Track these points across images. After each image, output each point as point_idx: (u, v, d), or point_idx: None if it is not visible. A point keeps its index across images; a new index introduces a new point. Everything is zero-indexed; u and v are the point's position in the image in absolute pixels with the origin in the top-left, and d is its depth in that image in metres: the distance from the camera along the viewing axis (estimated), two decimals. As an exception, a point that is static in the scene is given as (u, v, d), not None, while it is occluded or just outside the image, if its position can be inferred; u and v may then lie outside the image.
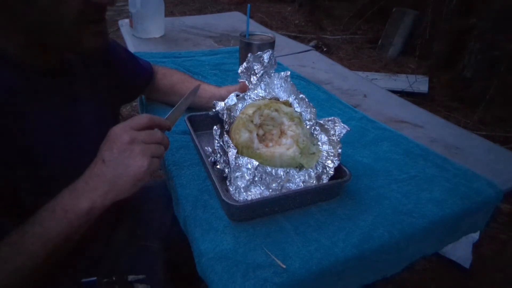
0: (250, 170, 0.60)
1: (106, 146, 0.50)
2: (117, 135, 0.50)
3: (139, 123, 0.52)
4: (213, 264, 0.53)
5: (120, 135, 0.50)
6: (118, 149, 0.49)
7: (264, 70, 0.77)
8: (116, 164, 0.48)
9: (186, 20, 1.84)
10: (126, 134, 0.50)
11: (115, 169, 0.48)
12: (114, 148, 0.49)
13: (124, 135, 0.50)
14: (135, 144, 0.50)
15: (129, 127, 0.51)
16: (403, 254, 0.65)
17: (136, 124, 0.52)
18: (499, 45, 2.65)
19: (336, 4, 4.97)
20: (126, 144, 0.49)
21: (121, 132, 0.50)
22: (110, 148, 0.49)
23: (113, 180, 0.48)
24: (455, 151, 0.94)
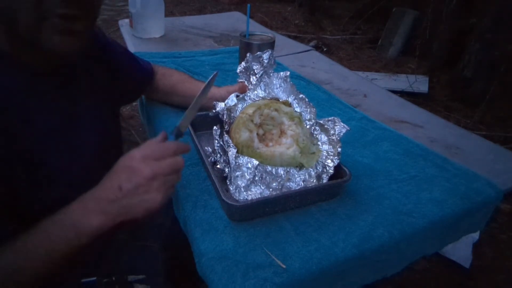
0: (250, 169, 0.60)
1: (125, 173, 0.49)
2: (139, 166, 0.48)
3: (163, 154, 0.51)
4: (213, 264, 0.53)
5: (142, 167, 0.48)
6: (137, 182, 0.47)
7: (264, 70, 0.77)
8: (132, 195, 0.47)
9: (186, 20, 1.84)
10: (148, 167, 0.48)
11: (130, 199, 0.47)
12: (133, 179, 0.48)
13: (147, 169, 0.48)
14: (155, 179, 0.48)
15: (153, 158, 0.49)
16: (403, 254, 0.65)
17: (161, 155, 0.50)
18: (499, 45, 2.65)
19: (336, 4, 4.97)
20: (146, 179, 0.48)
21: (144, 164, 0.48)
22: (129, 178, 0.48)
23: (126, 208, 0.48)
24: (455, 151, 0.94)
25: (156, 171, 0.48)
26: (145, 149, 0.50)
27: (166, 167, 0.49)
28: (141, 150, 0.50)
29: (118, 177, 0.49)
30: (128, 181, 0.47)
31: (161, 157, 0.50)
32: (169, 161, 0.50)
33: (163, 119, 0.89)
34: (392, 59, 3.59)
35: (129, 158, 0.50)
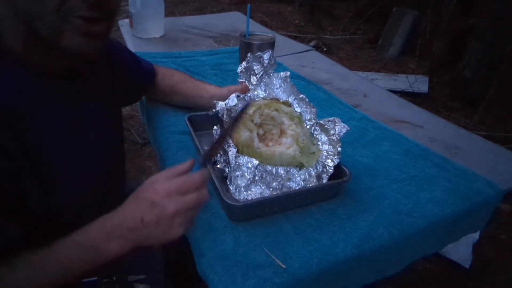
0: (251, 169, 0.60)
1: (148, 207, 0.48)
2: (163, 203, 0.47)
3: (189, 188, 0.49)
4: (213, 264, 0.53)
5: (166, 204, 0.47)
6: (160, 217, 0.47)
7: (264, 70, 0.77)
8: (154, 227, 0.48)
9: (186, 20, 1.84)
10: (172, 205, 0.47)
11: (151, 231, 0.48)
12: (156, 213, 0.47)
13: (170, 207, 0.47)
14: (178, 216, 0.48)
15: (177, 192, 0.48)
16: (403, 254, 0.65)
17: (186, 190, 0.49)
18: (499, 45, 2.65)
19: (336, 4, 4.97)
20: (170, 216, 0.47)
21: (168, 201, 0.47)
22: (151, 212, 0.47)
23: (146, 237, 0.49)
24: (455, 151, 0.94)
25: (179, 208, 0.48)
26: (170, 182, 0.49)
27: (190, 203, 0.49)
28: (166, 182, 0.49)
29: (140, 208, 0.48)
30: (150, 215, 0.47)
31: (186, 192, 0.49)
32: (194, 196, 0.49)
33: (163, 119, 0.89)
34: (392, 59, 3.59)
35: (153, 190, 0.49)
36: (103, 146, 0.63)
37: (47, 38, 0.47)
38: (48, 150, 0.51)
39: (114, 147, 0.69)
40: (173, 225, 0.48)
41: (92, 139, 0.60)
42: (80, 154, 0.57)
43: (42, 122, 0.51)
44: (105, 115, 0.65)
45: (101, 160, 0.63)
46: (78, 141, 0.57)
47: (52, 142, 0.52)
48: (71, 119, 0.56)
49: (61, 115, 0.54)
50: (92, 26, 0.48)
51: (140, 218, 0.48)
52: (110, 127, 0.68)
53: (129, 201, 0.50)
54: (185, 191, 0.49)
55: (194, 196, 0.49)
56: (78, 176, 0.56)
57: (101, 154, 0.63)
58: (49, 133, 0.52)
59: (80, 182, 0.57)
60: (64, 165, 0.54)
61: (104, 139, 0.64)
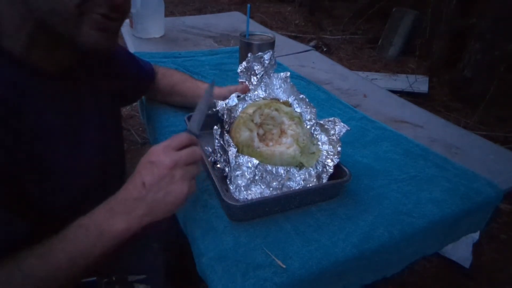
0: (251, 168, 0.60)
1: (146, 168, 0.50)
2: (159, 158, 0.49)
3: (180, 143, 0.52)
4: (213, 264, 0.53)
5: (162, 157, 0.49)
6: (160, 173, 0.48)
7: (264, 70, 0.77)
8: (157, 189, 0.48)
9: (186, 20, 1.84)
10: (167, 157, 0.49)
11: (155, 194, 0.48)
12: (155, 172, 0.48)
13: (166, 159, 0.49)
14: (177, 168, 0.49)
15: (171, 147, 0.51)
16: (403, 254, 0.65)
17: (177, 145, 0.52)
18: (499, 45, 2.65)
19: (336, 4, 4.97)
20: (168, 169, 0.48)
21: (163, 155, 0.50)
22: (151, 172, 0.49)
23: (153, 204, 0.48)
24: (455, 151, 0.94)
25: (176, 159, 0.49)
26: (162, 143, 0.52)
27: (185, 155, 0.50)
28: (158, 145, 0.51)
29: (140, 174, 0.49)
30: (150, 175, 0.48)
31: (179, 146, 0.51)
32: (186, 150, 0.51)
33: (163, 119, 0.89)
34: (392, 59, 3.59)
35: (148, 154, 0.51)
36: (101, 145, 0.63)
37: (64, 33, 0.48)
38: (44, 148, 0.51)
39: (112, 147, 0.69)
40: (174, 178, 0.48)
41: (89, 139, 0.60)
42: (77, 153, 0.57)
43: (38, 120, 0.51)
44: (103, 114, 0.65)
45: (99, 160, 0.63)
46: (74, 140, 0.57)
47: (48, 140, 0.52)
48: (68, 118, 0.56)
49: (58, 114, 0.54)
50: (110, 22, 0.50)
51: (141, 183, 0.48)
52: (108, 127, 0.68)
53: (130, 177, 0.51)
54: (176, 147, 0.51)
55: (188, 150, 0.51)
56: (75, 175, 0.56)
57: (99, 153, 0.63)
58: (45, 131, 0.52)
59: (77, 181, 0.57)
60: (60, 163, 0.54)
61: (102, 139, 0.64)
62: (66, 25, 0.47)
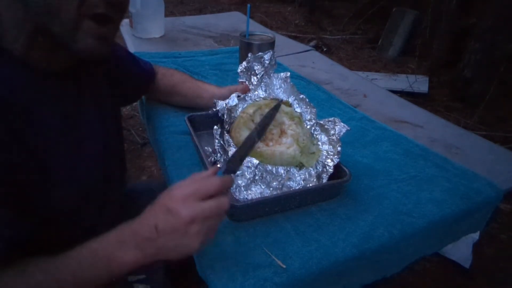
0: (251, 168, 0.60)
1: (163, 214, 0.45)
2: (178, 207, 0.45)
3: (208, 193, 0.46)
4: (213, 264, 0.53)
5: (180, 209, 0.44)
6: (174, 225, 0.44)
7: (265, 70, 0.77)
8: (168, 238, 0.45)
9: (186, 20, 1.84)
10: (187, 210, 0.44)
11: (166, 242, 0.45)
12: (170, 221, 0.45)
13: (185, 212, 0.44)
14: (194, 223, 0.44)
15: (194, 197, 0.45)
16: (403, 254, 0.65)
17: (204, 194, 0.46)
18: (499, 45, 2.65)
19: (336, 4, 4.97)
20: (184, 223, 0.44)
21: (183, 206, 0.45)
22: (165, 219, 0.45)
23: (162, 249, 0.46)
24: (455, 151, 0.94)
25: (195, 215, 0.44)
26: (188, 186, 0.46)
27: (208, 209, 0.45)
28: (184, 187, 0.46)
29: (155, 215, 0.46)
30: (164, 222, 0.45)
31: (205, 195, 0.46)
32: (212, 202, 0.46)
33: (163, 119, 0.89)
34: (392, 59, 3.59)
35: (169, 196, 0.46)
36: (100, 145, 0.63)
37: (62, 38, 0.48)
38: (44, 148, 0.51)
39: (112, 147, 0.69)
40: (188, 233, 0.44)
41: (90, 139, 0.60)
42: (77, 153, 0.57)
43: (38, 120, 0.51)
44: (103, 114, 0.65)
45: (99, 160, 0.63)
46: (74, 140, 0.57)
47: (48, 140, 0.52)
48: (68, 118, 0.56)
49: (58, 113, 0.54)
50: (103, 28, 0.50)
51: (154, 226, 0.45)
52: (108, 127, 0.68)
53: (147, 210, 0.48)
54: (202, 196, 0.46)
55: (212, 204, 0.46)
56: (75, 175, 0.56)
57: (99, 154, 0.63)
58: (45, 131, 0.52)
59: (77, 181, 0.57)
60: (60, 164, 0.54)
61: (102, 138, 0.64)
62: (64, 30, 0.47)
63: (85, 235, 0.62)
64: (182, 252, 0.46)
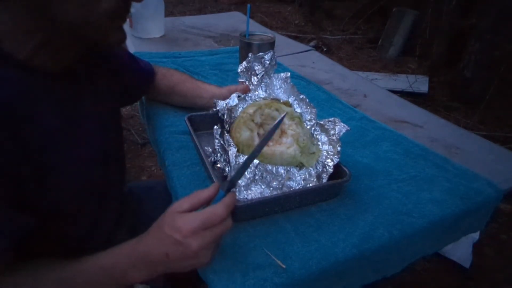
0: (251, 168, 0.60)
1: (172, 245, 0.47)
2: (187, 242, 0.46)
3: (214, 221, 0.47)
4: (213, 264, 0.53)
5: (190, 242, 0.46)
6: (185, 255, 0.47)
7: (265, 71, 0.77)
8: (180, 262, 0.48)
9: (186, 20, 1.84)
10: (197, 242, 0.46)
11: (176, 264, 0.48)
12: (181, 250, 0.47)
13: (194, 244, 0.46)
14: (204, 249, 0.47)
15: (202, 227, 0.46)
16: (403, 254, 0.65)
17: (210, 223, 0.47)
18: (499, 45, 2.66)
19: (336, 4, 4.97)
20: (194, 253, 0.46)
21: (192, 239, 0.46)
22: (176, 249, 0.47)
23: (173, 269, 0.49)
24: (455, 151, 0.94)
25: (203, 244, 0.46)
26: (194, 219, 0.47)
27: (216, 237, 0.48)
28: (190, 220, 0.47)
29: (164, 244, 0.48)
30: (175, 251, 0.47)
31: (211, 226, 0.47)
32: (218, 230, 0.48)
33: (163, 119, 0.89)
34: (392, 59, 3.59)
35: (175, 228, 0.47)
36: (100, 146, 0.63)
37: (94, 39, 0.52)
38: (43, 148, 0.51)
39: (112, 147, 0.69)
40: (200, 257, 0.48)
41: (89, 139, 0.60)
42: (77, 153, 0.57)
43: (37, 121, 0.51)
44: (103, 115, 0.65)
45: (98, 159, 0.63)
46: (74, 140, 0.57)
47: (48, 140, 0.52)
48: (68, 118, 0.56)
49: (58, 114, 0.54)
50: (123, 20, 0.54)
51: (165, 253, 0.47)
52: (108, 127, 0.68)
53: (153, 232, 0.50)
54: (210, 225, 0.47)
55: (219, 229, 0.48)
56: (75, 175, 0.56)
57: (99, 153, 0.63)
58: (44, 132, 0.52)
59: (77, 181, 0.57)
60: (60, 164, 0.54)
61: (102, 138, 0.64)
62: (98, 31, 0.50)
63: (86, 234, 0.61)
64: (193, 268, 0.49)
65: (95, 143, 0.62)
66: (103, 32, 0.51)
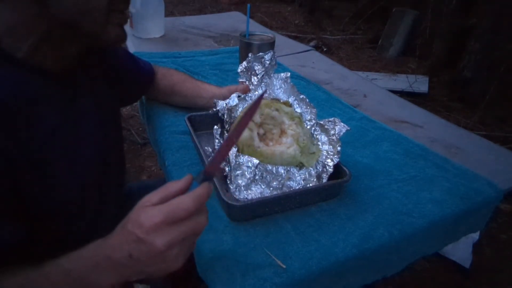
0: (251, 168, 0.60)
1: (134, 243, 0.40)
2: (149, 239, 0.39)
3: (179, 217, 0.41)
4: (213, 264, 0.53)
5: (152, 240, 0.39)
6: (150, 254, 0.40)
7: (265, 71, 0.77)
8: (146, 264, 0.41)
9: (186, 20, 1.84)
10: (161, 239, 0.39)
11: (144, 267, 0.42)
12: (145, 250, 0.40)
13: (158, 241, 0.39)
14: (171, 249, 0.40)
15: (166, 224, 0.40)
16: (403, 254, 0.65)
17: (175, 217, 0.40)
18: (499, 45, 2.66)
19: (336, 4, 4.97)
20: (161, 252, 0.40)
21: (155, 235, 0.39)
22: (140, 249, 0.40)
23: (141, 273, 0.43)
24: (455, 151, 0.94)
25: (171, 242, 0.40)
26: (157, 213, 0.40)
27: (183, 233, 0.41)
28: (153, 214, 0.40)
29: (127, 243, 0.41)
30: (138, 251, 0.40)
31: (177, 221, 0.41)
32: (187, 225, 0.41)
33: (163, 119, 0.89)
34: (392, 59, 3.60)
35: (137, 224, 0.40)
36: (100, 146, 0.63)
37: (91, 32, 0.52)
38: (43, 148, 0.51)
39: (112, 147, 0.69)
40: (167, 259, 0.41)
41: (89, 139, 0.60)
42: (76, 153, 0.57)
43: (37, 121, 0.51)
44: (102, 115, 0.65)
45: (98, 160, 0.63)
46: (74, 140, 0.57)
47: (47, 140, 0.52)
48: (67, 118, 0.56)
49: (57, 114, 0.54)
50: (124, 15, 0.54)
51: (128, 254, 0.41)
52: (108, 126, 0.68)
53: (117, 230, 0.43)
54: (175, 220, 0.41)
55: (188, 225, 0.41)
56: (74, 175, 0.56)
57: (99, 154, 0.63)
58: (43, 132, 0.52)
59: (76, 181, 0.57)
60: (59, 164, 0.54)
61: (102, 139, 0.64)
62: (94, 24, 0.51)
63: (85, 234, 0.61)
64: (163, 272, 0.43)
65: (95, 143, 0.62)
66: (100, 26, 0.51)
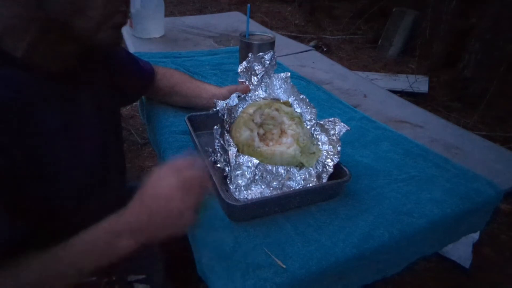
0: (251, 168, 0.60)
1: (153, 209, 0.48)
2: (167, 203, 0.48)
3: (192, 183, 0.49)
4: (213, 264, 0.53)
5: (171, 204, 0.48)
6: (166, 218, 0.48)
7: (265, 71, 0.77)
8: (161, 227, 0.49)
9: (186, 20, 1.84)
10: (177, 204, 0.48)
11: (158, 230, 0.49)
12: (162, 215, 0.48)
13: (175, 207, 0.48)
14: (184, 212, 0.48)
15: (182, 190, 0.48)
16: (403, 254, 0.65)
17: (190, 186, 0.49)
18: (499, 45, 2.65)
19: (336, 4, 4.97)
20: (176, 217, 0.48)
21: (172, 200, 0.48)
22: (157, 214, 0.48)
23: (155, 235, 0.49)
24: (455, 151, 0.94)
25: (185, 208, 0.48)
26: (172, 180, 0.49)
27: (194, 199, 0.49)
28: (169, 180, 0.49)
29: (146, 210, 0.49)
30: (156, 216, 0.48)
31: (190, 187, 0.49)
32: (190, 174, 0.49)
33: (163, 119, 0.89)
34: (392, 59, 3.59)
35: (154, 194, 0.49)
36: (100, 145, 0.64)
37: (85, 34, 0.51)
38: (43, 148, 0.51)
39: (112, 147, 0.69)
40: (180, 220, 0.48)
41: (89, 139, 0.60)
42: (77, 153, 0.57)
43: (38, 120, 0.51)
44: (102, 115, 0.65)
45: (98, 160, 0.63)
46: (74, 140, 0.57)
47: (47, 140, 0.52)
48: (68, 118, 0.56)
49: (57, 114, 0.54)
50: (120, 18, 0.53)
51: (147, 219, 0.48)
52: (108, 127, 0.68)
53: (135, 201, 0.50)
54: (188, 187, 0.48)
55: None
56: (74, 175, 0.56)
57: (99, 154, 0.63)
58: (44, 131, 0.52)
59: (77, 181, 0.57)
60: (60, 164, 0.54)
61: (102, 139, 0.64)
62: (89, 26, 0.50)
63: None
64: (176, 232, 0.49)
65: (95, 142, 0.62)
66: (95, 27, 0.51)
